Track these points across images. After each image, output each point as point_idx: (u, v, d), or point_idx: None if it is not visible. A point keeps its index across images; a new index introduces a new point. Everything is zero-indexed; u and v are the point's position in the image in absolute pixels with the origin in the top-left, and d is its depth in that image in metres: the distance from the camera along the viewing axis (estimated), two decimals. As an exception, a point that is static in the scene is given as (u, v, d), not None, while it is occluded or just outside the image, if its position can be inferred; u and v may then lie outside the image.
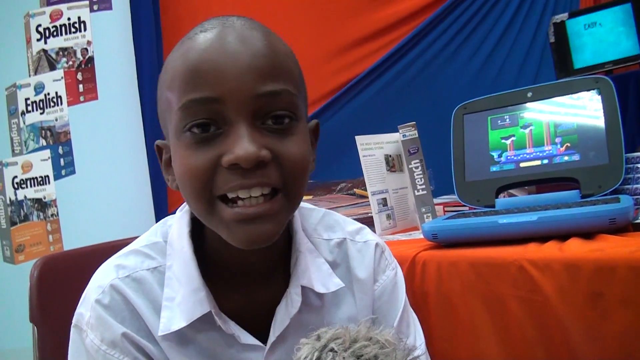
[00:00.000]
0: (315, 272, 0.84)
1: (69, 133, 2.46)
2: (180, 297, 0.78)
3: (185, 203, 0.84)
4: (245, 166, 0.67)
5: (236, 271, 0.81)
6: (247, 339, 0.80)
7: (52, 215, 2.48)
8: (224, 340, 0.80)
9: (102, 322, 0.76)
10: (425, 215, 1.54)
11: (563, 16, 3.28)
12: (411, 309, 0.97)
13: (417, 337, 0.94)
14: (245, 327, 0.80)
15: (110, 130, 2.47)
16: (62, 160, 2.47)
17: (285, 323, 0.81)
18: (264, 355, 0.81)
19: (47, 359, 1.23)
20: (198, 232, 0.82)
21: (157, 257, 0.82)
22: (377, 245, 0.94)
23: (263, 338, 0.81)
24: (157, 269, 0.81)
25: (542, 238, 1.12)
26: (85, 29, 2.46)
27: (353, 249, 0.91)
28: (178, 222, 0.83)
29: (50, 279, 1.28)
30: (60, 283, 1.27)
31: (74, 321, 0.80)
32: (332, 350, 0.60)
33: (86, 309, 0.78)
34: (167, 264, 0.80)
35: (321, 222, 0.93)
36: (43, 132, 2.48)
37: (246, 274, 0.82)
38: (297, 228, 0.86)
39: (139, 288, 0.79)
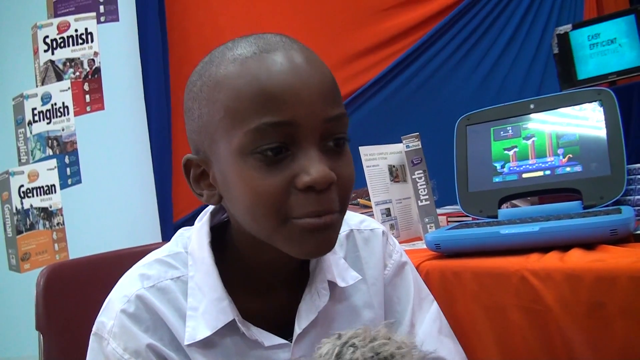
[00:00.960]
0: (334, 267, 0.87)
1: (76, 143, 2.47)
2: (204, 307, 0.79)
3: (204, 214, 0.87)
4: (319, 188, 0.69)
5: (262, 276, 0.84)
6: (272, 340, 0.82)
7: (57, 224, 2.49)
8: (249, 343, 0.82)
9: (126, 332, 0.77)
10: (428, 226, 1.55)
11: (567, 27, 3.29)
12: (426, 291, 1.00)
13: (430, 317, 0.97)
14: (269, 327, 0.83)
15: (116, 140, 2.48)
16: (68, 169, 2.48)
17: (311, 317, 0.83)
18: (291, 350, 0.83)
19: (53, 365, 1.24)
20: (218, 241, 0.84)
21: (180, 267, 0.83)
22: (383, 232, 0.97)
23: (287, 334, 0.83)
24: (180, 279, 0.82)
25: (544, 248, 1.13)
26: (92, 40, 2.48)
27: (360, 238, 0.95)
28: (197, 234, 0.84)
29: (56, 287, 1.29)
30: (66, 291, 1.29)
31: (94, 329, 0.80)
32: (352, 345, 0.62)
33: (109, 318, 0.79)
34: (190, 274, 0.82)
35: None
36: (50, 141, 2.50)
37: (272, 278, 0.84)
38: None
39: (164, 298, 0.80)
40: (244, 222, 0.77)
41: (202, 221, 0.85)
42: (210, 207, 0.87)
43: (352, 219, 0.97)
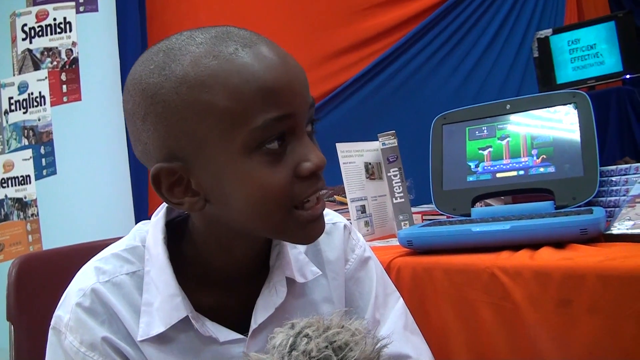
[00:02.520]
0: (294, 263, 0.87)
1: (52, 133, 2.45)
2: (158, 303, 0.79)
3: (159, 209, 0.86)
4: (320, 171, 0.73)
5: (221, 270, 0.83)
6: (227, 335, 0.82)
7: (32, 215, 2.47)
8: (204, 339, 0.81)
9: (82, 325, 0.77)
10: (402, 223, 1.56)
11: (547, 32, 3.33)
12: (392, 287, 1.01)
13: (395, 314, 0.98)
14: (227, 322, 0.82)
15: (92, 132, 2.46)
16: (43, 160, 2.46)
17: (268, 312, 0.83)
18: (246, 345, 0.83)
19: (24, 357, 1.23)
20: (176, 235, 0.84)
21: (136, 261, 0.83)
22: (345, 226, 0.98)
23: (245, 329, 0.83)
24: (136, 274, 0.82)
25: (516, 247, 1.14)
26: (70, 30, 2.46)
27: None
28: (153, 229, 0.84)
29: (28, 278, 1.28)
30: (38, 282, 1.28)
31: (52, 323, 0.80)
32: (306, 335, 0.62)
33: (65, 312, 0.79)
34: (146, 269, 0.82)
35: None
36: (25, 131, 2.47)
37: (230, 272, 0.84)
38: None
39: (119, 293, 0.80)
40: (244, 222, 0.75)
41: (158, 216, 0.85)
42: None
43: None
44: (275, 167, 0.70)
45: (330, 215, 0.98)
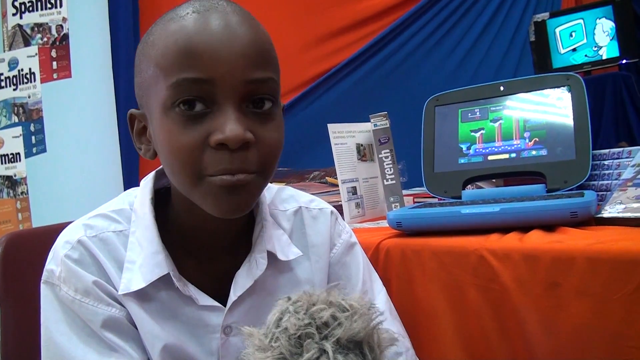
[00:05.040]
0: (276, 241, 0.90)
1: (42, 110, 2.44)
2: (141, 260, 0.82)
3: (149, 174, 0.89)
4: (232, 147, 0.71)
5: (200, 240, 0.86)
6: (205, 300, 0.84)
7: (21, 193, 2.46)
8: (184, 300, 0.84)
9: (73, 274, 0.80)
10: (393, 205, 1.55)
11: (544, 15, 3.31)
12: (376, 275, 1.04)
13: (380, 302, 1.01)
14: (208, 291, 0.85)
15: (82, 109, 2.45)
16: (33, 137, 2.45)
17: (247, 284, 0.85)
18: (224, 315, 0.85)
19: (11, 336, 1.22)
20: (162, 202, 0.87)
21: (123, 222, 0.86)
22: (332, 212, 1.01)
23: (223, 301, 0.85)
24: (123, 232, 0.85)
25: (505, 229, 1.13)
26: (61, 5, 2.43)
27: (308, 215, 0.98)
28: (141, 191, 0.88)
29: (16, 256, 1.26)
30: (25, 260, 1.26)
31: (43, 278, 0.83)
32: (290, 312, 0.62)
33: (56, 265, 0.82)
34: (131, 230, 0.85)
35: (277, 196, 0.99)
36: (15, 108, 2.46)
37: (210, 243, 0.87)
38: (262, 199, 0.91)
39: (104, 248, 0.83)
40: (169, 178, 0.80)
41: (146, 181, 0.89)
42: (159, 168, 0.89)
43: (302, 197, 1.01)
44: (186, 130, 0.72)
45: (317, 202, 1.01)
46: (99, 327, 0.79)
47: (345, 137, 1.65)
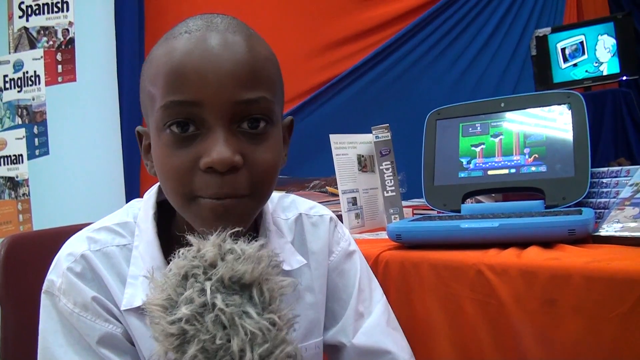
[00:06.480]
0: (280, 252, 0.88)
1: (45, 113, 2.44)
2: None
3: (153, 187, 0.90)
4: (220, 170, 0.70)
5: None
6: None
7: (23, 194, 2.46)
8: None
9: (74, 287, 0.80)
10: (392, 216, 1.56)
11: (546, 30, 3.33)
12: (377, 283, 1.04)
13: (379, 308, 1.00)
14: None
15: (86, 113, 2.45)
16: (36, 140, 2.45)
17: None
18: None
19: (11, 336, 1.22)
20: (166, 215, 0.87)
21: (127, 235, 0.86)
22: (331, 219, 1.01)
23: None
24: (126, 247, 0.85)
25: (504, 244, 1.14)
26: (67, 9, 2.44)
27: (308, 222, 0.99)
28: (145, 205, 0.88)
29: (18, 258, 1.27)
30: (26, 262, 1.27)
31: (45, 288, 0.83)
32: (182, 255, 0.65)
33: (57, 276, 0.82)
34: (135, 244, 0.85)
35: (278, 204, 0.99)
36: (19, 110, 2.46)
37: None
38: (265, 209, 0.92)
39: (107, 262, 0.83)
40: (165, 196, 0.80)
41: (150, 193, 0.89)
42: None
43: (302, 204, 1.01)
44: (177, 151, 0.73)
45: (317, 208, 1.02)
46: (94, 342, 0.79)
47: (347, 148, 1.67)
